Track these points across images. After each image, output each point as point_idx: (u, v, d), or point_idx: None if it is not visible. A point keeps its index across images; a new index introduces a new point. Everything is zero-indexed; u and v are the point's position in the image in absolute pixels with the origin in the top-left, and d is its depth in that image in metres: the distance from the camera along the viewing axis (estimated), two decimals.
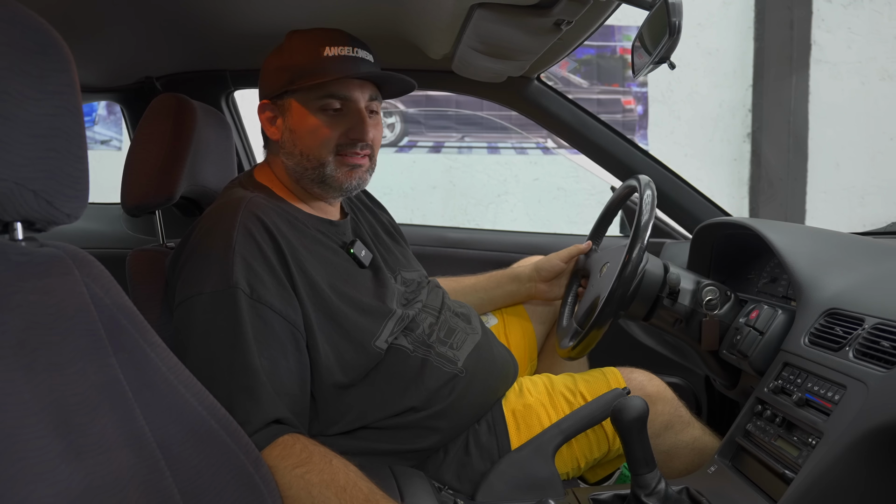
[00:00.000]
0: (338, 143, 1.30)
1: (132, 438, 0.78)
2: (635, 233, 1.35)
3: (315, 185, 1.34)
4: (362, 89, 1.32)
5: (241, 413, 1.04)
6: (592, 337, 1.38)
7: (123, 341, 0.80)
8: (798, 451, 1.09)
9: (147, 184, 1.36)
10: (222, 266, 1.16)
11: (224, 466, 0.87)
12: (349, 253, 1.34)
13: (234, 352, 1.11)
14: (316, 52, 1.29)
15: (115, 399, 0.77)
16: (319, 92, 1.29)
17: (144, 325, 0.84)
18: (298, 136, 1.31)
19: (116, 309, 0.81)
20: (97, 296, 0.79)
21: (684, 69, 5.34)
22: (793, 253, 1.33)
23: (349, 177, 1.32)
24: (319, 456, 1.04)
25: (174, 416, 0.84)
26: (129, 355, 0.81)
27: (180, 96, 1.42)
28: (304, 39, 1.31)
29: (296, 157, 1.32)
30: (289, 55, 1.31)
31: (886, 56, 5.37)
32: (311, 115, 1.30)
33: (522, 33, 1.38)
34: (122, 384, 0.79)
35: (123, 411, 0.78)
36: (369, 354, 1.26)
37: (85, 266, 0.79)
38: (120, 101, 2.08)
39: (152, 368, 0.83)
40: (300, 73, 1.29)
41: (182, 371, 0.87)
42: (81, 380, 0.74)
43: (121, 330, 0.81)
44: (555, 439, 1.30)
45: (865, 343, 1.08)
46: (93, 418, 0.74)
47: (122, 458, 0.76)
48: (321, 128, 1.30)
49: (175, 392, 0.85)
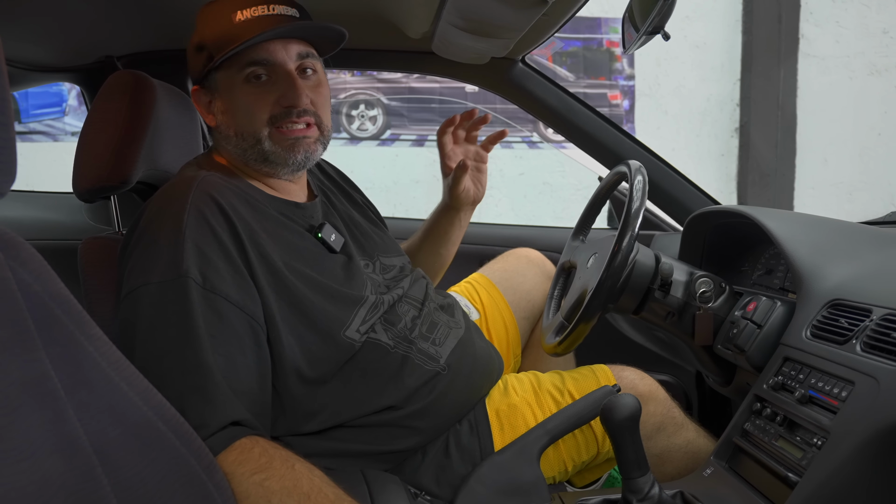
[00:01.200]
0: (270, 115, 1.19)
1: (62, 443, 0.69)
2: (625, 221, 1.27)
3: (261, 164, 1.23)
4: (287, 49, 1.19)
5: (194, 416, 0.94)
6: (580, 332, 1.30)
7: (56, 334, 0.72)
8: (802, 453, 1.01)
9: (100, 166, 1.27)
10: (172, 253, 1.06)
11: (172, 473, 0.79)
12: (317, 237, 1.25)
13: (184, 348, 1.02)
14: (227, 20, 1.17)
15: (42, 398, 0.68)
16: (240, 63, 1.18)
17: (83, 315, 0.75)
18: (230, 116, 1.22)
19: (49, 297, 0.72)
20: (25, 282, 0.70)
21: (671, 62, 5.32)
22: (792, 241, 1.27)
23: (292, 151, 1.21)
24: (280, 460, 0.95)
25: (114, 417, 0.75)
26: (63, 349, 0.72)
27: (138, 73, 1.33)
28: (215, 10, 1.20)
29: (233, 140, 1.23)
30: (203, 31, 1.21)
31: (874, 51, 5.37)
32: (238, 91, 1.19)
33: (506, 7, 1.30)
34: (52, 381, 0.70)
35: (53, 412, 0.69)
36: (339, 346, 1.16)
37: (12, 248, 0.70)
38: (79, 82, 1.98)
39: (90, 364, 0.74)
40: (215, 47, 1.18)
41: (126, 367, 0.78)
42: (0, 376, 0.65)
43: (53, 321, 0.72)
44: (540, 440, 1.22)
45: (874, 335, 1.00)
46: (13, 420, 0.65)
47: (49, 465, 0.67)
48: (250, 101, 1.19)
49: (116, 390, 0.76)
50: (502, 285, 1.73)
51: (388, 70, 2.47)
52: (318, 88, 1.24)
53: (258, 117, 1.19)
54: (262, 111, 1.19)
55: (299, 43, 1.21)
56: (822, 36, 5.31)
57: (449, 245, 1.64)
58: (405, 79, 5.23)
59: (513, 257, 1.79)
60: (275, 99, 1.19)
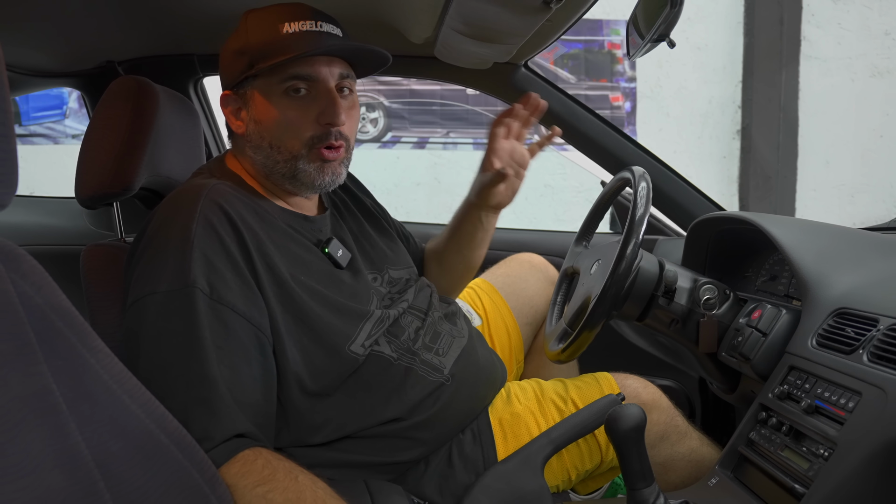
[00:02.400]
0: (312, 135, 1.18)
1: (64, 457, 0.68)
2: (629, 227, 1.26)
3: (286, 181, 1.21)
4: (330, 67, 1.18)
5: (198, 428, 0.93)
6: (584, 339, 1.29)
7: (57, 346, 0.71)
8: (808, 463, 1.00)
9: (103, 173, 1.26)
10: (179, 262, 1.05)
11: (174, 486, 0.78)
12: (324, 252, 1.23)
13: (190, 359, 1.01)
14: (274, 30, 1.16)
15: (44, 412, 0.68)
16: (282, 74, 1.16)
17: (84, 327, 0.74)
18: (265, 127, 1.19)
19: (50, 310, 0.71)
20: (26, 295, 0.69)
21: (673, 64, 5.31)
22: (797, 249, 1.26)
23: (322, 172, 1.20)
24: (284, 472, 0.94)
25: (117, 430, 0.74)
26: (65, 362, 0.71)
27: (141, 79, 1.32)
28: (261, 17, 1.19)
29: (265, 150, 1.20)
30: (245, 37, 1.19)
31: (876, 52, 5.36)
32: (277, 102, 1.17)
33: (509, 13, 1.28)
34: (53, 395, 0.69)
35: (54, 426, 0.68)
36: (343, 360, 1.15)
37: (12, 260, 0.69)
38: (80, 87, 1.97)
39: (92, 377, 0.73)
40: (259, 55, 1.17)
41: (128, 379, 0.77)
42: (1, 391, 0.64)
43: (55, 334, 0.71)
44: (544, 450, 1.21)
45: (881, 346, 1.00)
46: (14, 436, 0.64)
47: (51, 480, 0.66)
48: (289, 115, 1.17)
49: (118, 403, 0.75)
50: (505, 291, 1.72)
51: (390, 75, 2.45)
52: (352, 110, 1.22)
53: (299, 134, 1.17)
54: (304, 128, 1.17)
55: (342, 63, 1.20)
56: (824, 38, 5.30)
57: (473, 247, 1.53)
58: (406, 81, 5.22)
59: (515, 262, 1.78)
60: (314, 115, 1.17)
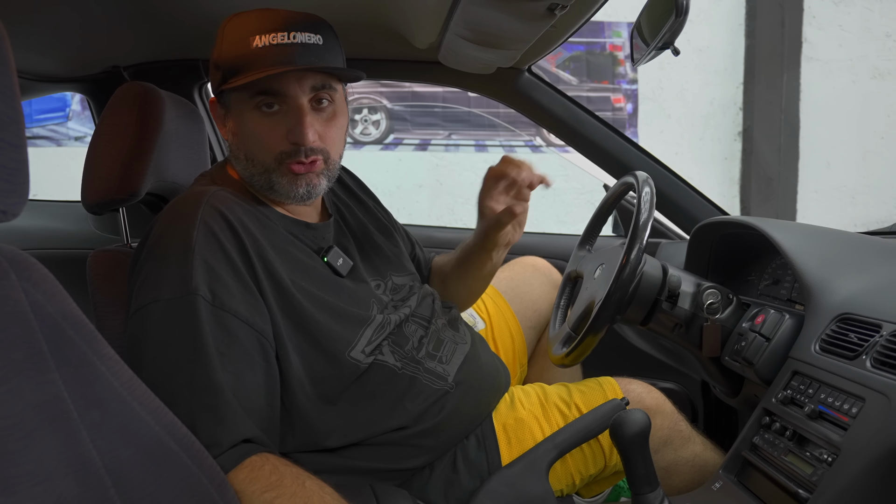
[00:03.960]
0: (281, 151, 1.15)
1: (76, 464, 0.69)
2: (633, 232, 1.27)
3: (267, 191, 1.20)
4: (301, 82, 1.14)
5: (206, 435, 0.94)
6: (587, 343, 1.30)
7: (68, 354, 0.71)
8: (812, 468, 1.01)
9: (109, 179, 1.26)
10: (181, 269, 1.05)
11: (184, 493, 0.79)
12: (324, 261, 1.23)
13: (194, 366, 1.01)
14: (244, 44, 1.13)
15: (56, 420, 0.68)
16: (252, 90, 1.13)
17: (95, 335, 0.75)
18: (241, 139, 1.18)
19: (61, 318, 0.72)
20: (38, 303, 0.70)
21: (675, 66, 5.30)
22: (801, 254, 1.26)
23: (295, 185, 1.17)
24: (291, 478, 0.94)
25: (127, 437, 0.75)
26: (76, 370, 0.72)
27: (147, 85, 1.32)
28: (235, 28, 1.16)
29: (242, 162, 1.20)
30: (220, 49, 1.17)
31: (877, 54, 5.36)
32: (249, 117, 1.16)
33: (513, 19, 1.29)
34: (65, 402, 0.70)
35: (66, 434, 0.69)
36: (343, 366, 1.15)
37: (24, 269, 0.70)
38: (85, 92, 1.98)
39: (102, 384, 0.74)
40: (229, 70, 1.14)
41: (138, 386, 0.78)
42: (15, 400, 0.65)
43: (66, 341, 0.72)
44: (549, 454, 1.21)
45: (885, 351, 1.00)
46: (28, 444, 0.65)
47: (64, 487, 0.67)
48: (259, 131, 1.15)
49: (128, 410, 0.76)
50: (508, 294, 1.72)
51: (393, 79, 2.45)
52: (332, 121, 1.19)
53: (270, 150, 1.16)
54: (273, 144, 1.16)
55: (317, 75, 1.16)
56: (826, 40, 5.30)
57: (479, 278, 1.50)
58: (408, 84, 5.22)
59: (519, 266, 1.78)
60: (284, 133, 1.15)
